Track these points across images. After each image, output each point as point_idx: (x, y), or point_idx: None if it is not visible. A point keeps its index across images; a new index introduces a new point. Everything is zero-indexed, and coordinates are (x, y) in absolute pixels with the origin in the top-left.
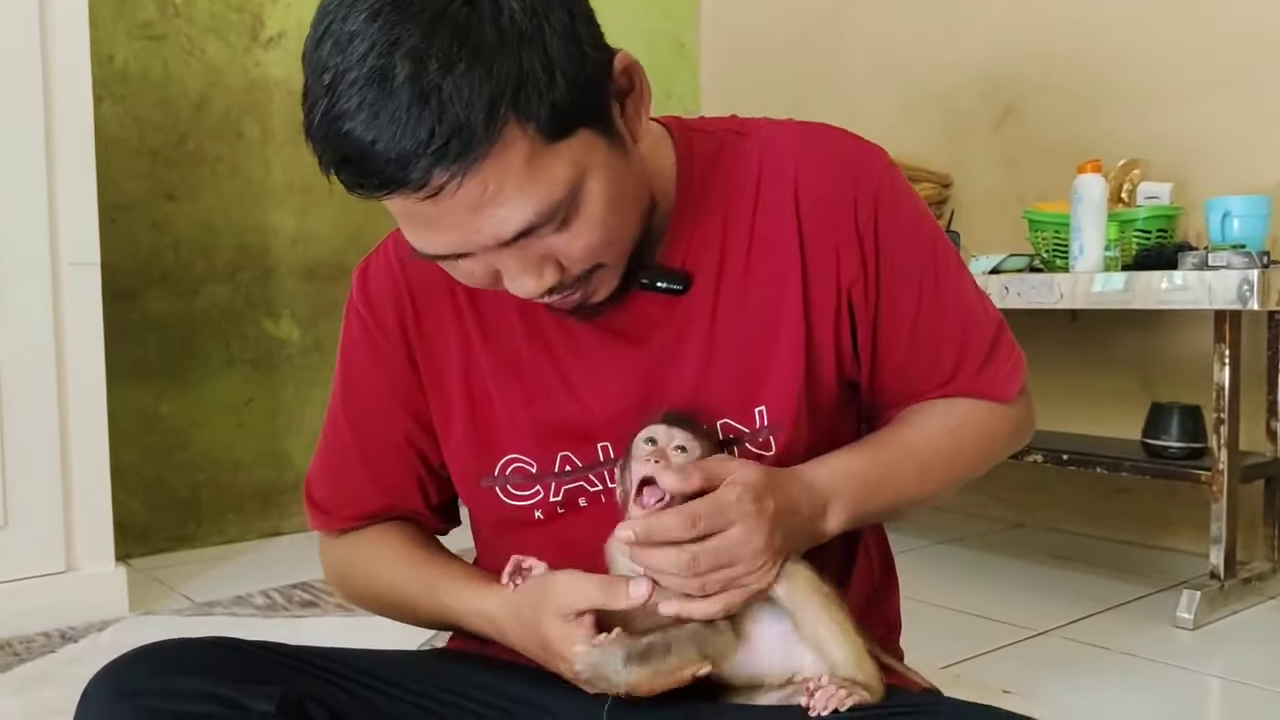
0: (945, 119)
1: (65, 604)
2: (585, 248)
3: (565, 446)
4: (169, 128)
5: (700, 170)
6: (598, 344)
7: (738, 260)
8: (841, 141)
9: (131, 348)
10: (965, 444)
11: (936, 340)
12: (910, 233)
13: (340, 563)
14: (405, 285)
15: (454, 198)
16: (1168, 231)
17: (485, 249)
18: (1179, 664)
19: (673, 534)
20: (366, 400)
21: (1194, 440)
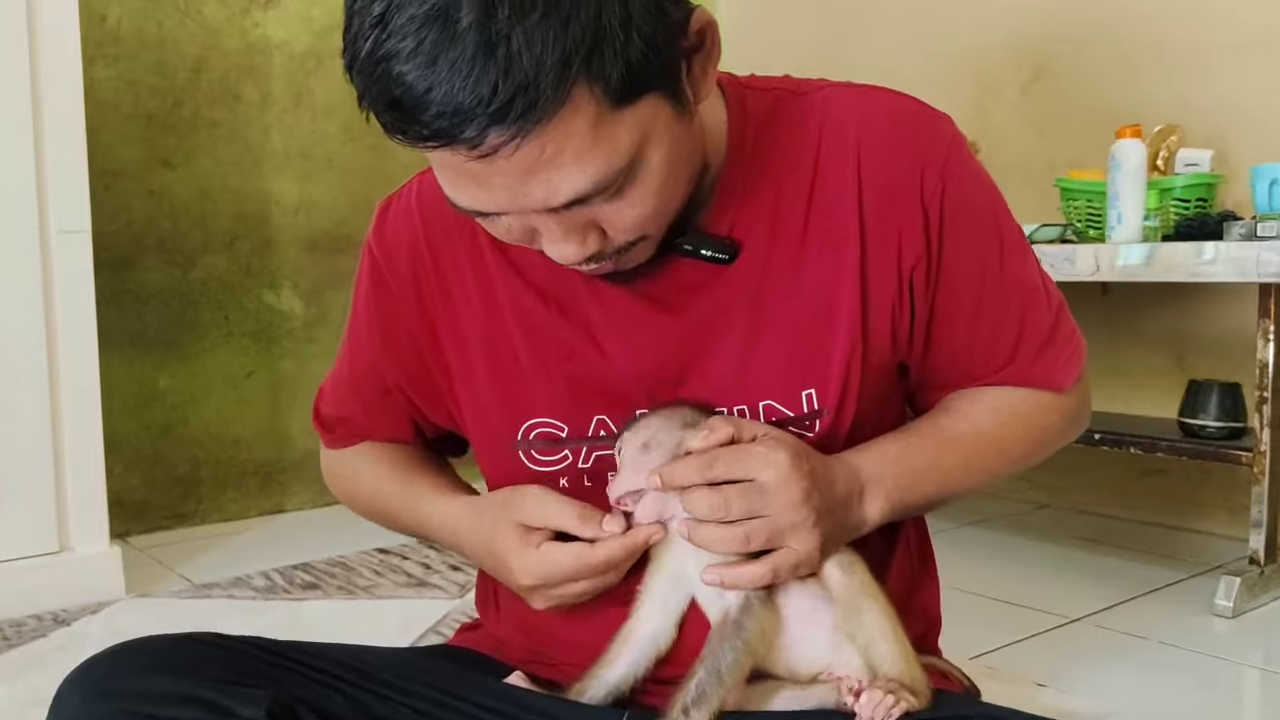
0: (972, 81)
1: (58, 585)
2: (635, 218)
3: (601, 409)
4: (164, 91)
5: (753, 131)
6: (630, 308)
7: (792, 232)
8: (908, 109)
9: (127, 319)
10: (1013, 437)
11: (996, 324)
12: (977, 208)
13: (334, 464)
14: (424, 236)
15: (509, 159)
16: (1207, 200)
17: (533, 212)
18: (1219, 654)
19: (690, 476)
20: (368, 346)
21: (1234, 419)
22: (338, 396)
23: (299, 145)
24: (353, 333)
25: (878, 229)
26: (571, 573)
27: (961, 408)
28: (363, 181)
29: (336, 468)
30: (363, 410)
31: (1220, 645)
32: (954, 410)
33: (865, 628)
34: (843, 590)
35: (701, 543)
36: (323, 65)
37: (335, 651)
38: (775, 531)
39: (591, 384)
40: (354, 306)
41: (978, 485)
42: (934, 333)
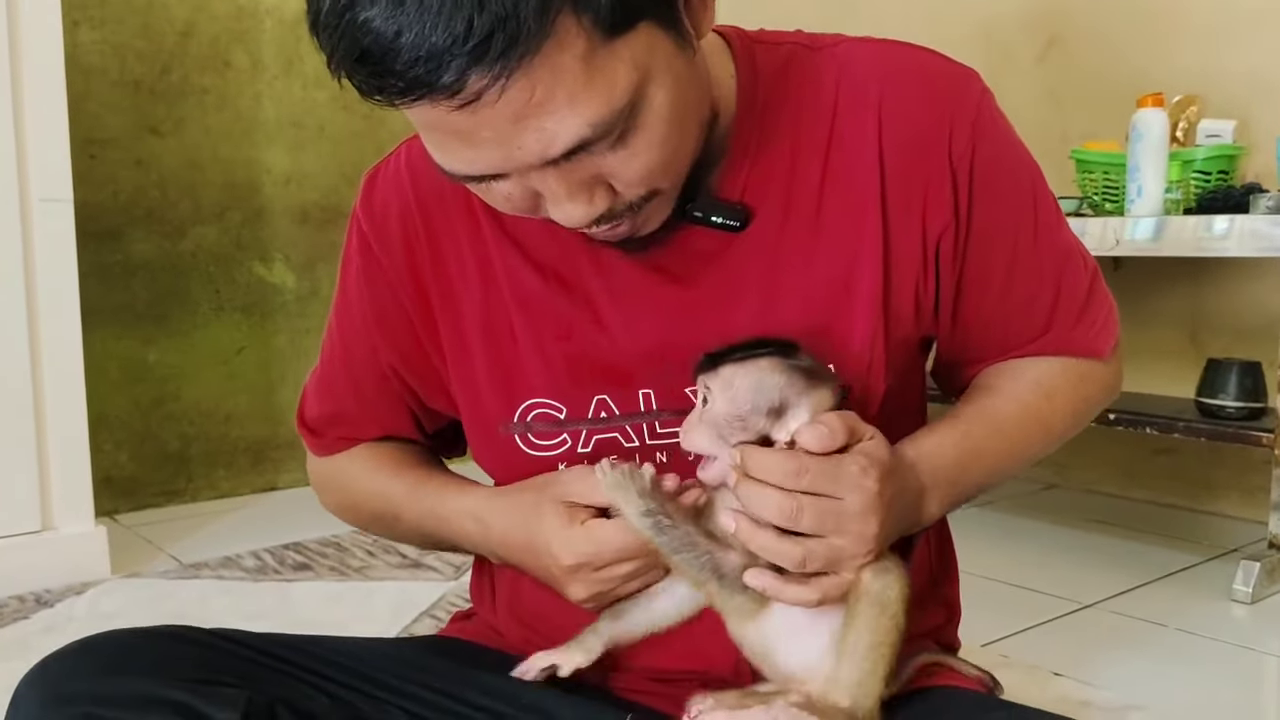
0: (984, 48)
1: (41, 566)
2: (644, 168)
3: (602, 390)
4: (152, 57)
5: (765, 88)
6: (636, 280)
7: (808, 196)
8: (933, 63)
9: (115, 292)
10: (1058, 413)
11: (1031, 291)
12: (1010, 169)
13: (324, 473)
14: (415, 201)
15: (494, 106)
16: (1228, 173)
17: (528, 168)
18: (1239, 642)
19: (773, 474)
20: (359, 323)
21: (1253, 400)
22: (326, 392)
23: (290, 113)
24: (342, 318)
25: (900, 194)
26: (619, 548)
27: (1005, 387)
28: (354, 151)
29: (329, 478)
30: (356, 402)
31: (1240, 632)
32: (999, 390)
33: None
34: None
35: (754, 547)
36: None
37: (321, 646)
38: (836, 559)
39: (591, 362)
40: (342, 288)
41: (1025, 466)
42: (963, 303)
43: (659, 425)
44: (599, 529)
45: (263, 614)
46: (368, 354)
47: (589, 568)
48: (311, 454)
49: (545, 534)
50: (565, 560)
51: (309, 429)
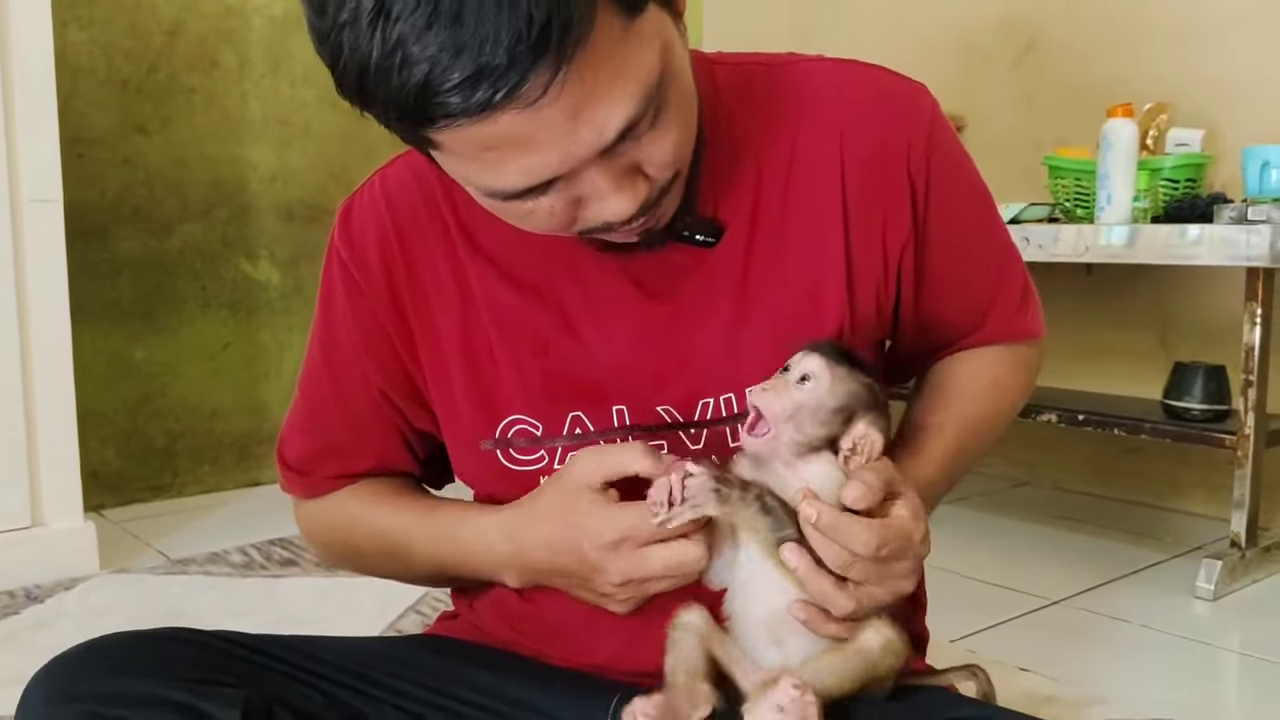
0: (961, 53)
1: (31, 561)
2: (673, 146)
3: (577, 406)
4: (139, 56)
5: (728, 106)
6: (613, 294)
7: (773, 213)
8: (887, 80)
9: (102, 289)
10: (1011, 405)
11: (980, 286)
12: (959, 174)
13: (319, 518)
14: (392, 226)
15: (555, 104)
16: (1196, 181)
17: (582, 164)
18: (1200, 638)
19: (853, 545)
20: (345, 349)
21: (1218, 402)
22: (312, 429)
23: (276, 112)
24: (328, 349)
25: (861, 208)
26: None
27: (969, 387)
28: (340, 150)
29: (325, 522)
30: (349, 431)
31: (1201, 629)
32: (966, 392)
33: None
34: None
35: (808, 586)
36: (302, 29)
37: (315, 645)
38: (873, 604)
39: (567, 379)
40: (324, 321)
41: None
42: (922, 303)
43: (631, 440)
44: (637, 505)
45: (251, 610)
46: (359, 379)
47: (632, 542)
48: (299, 500)
49: (583, 517)
50: (609, 535)
51: (295, 470)
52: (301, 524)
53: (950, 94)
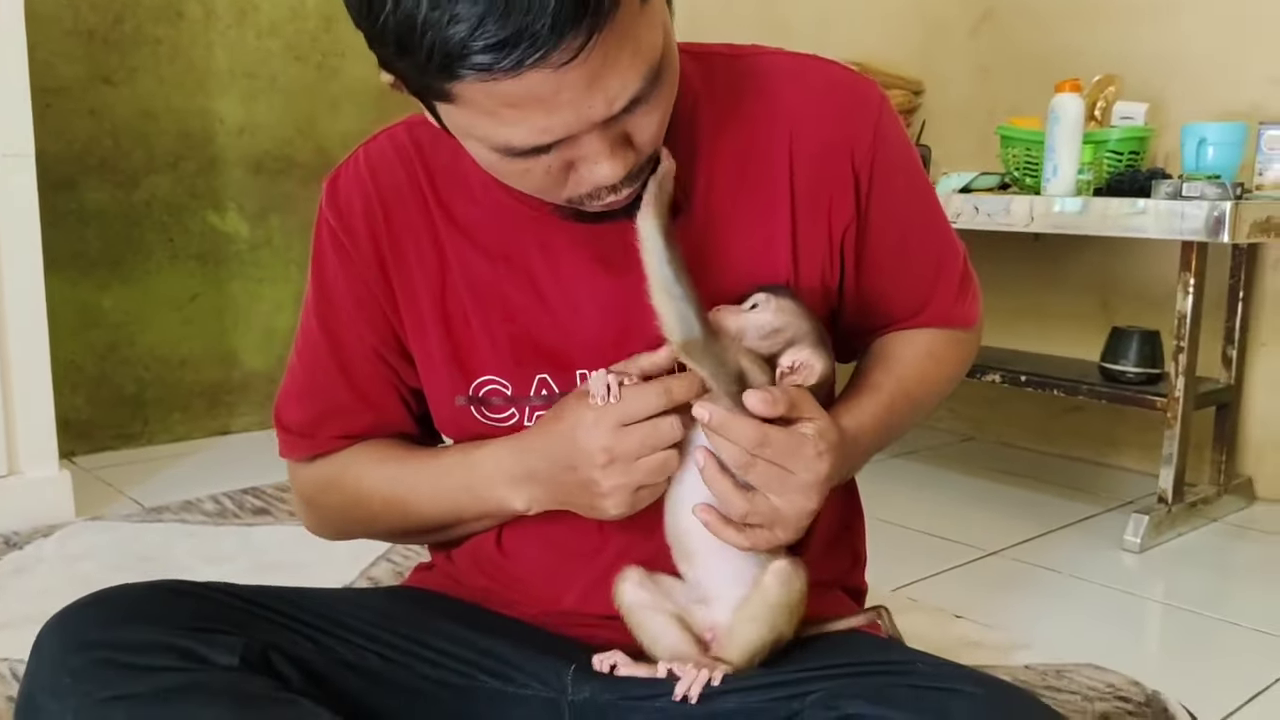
0: (921, 20)
1: (8, 508)
2: (658, 123)
3: (543, 369)
4: (105, 6)
5: (690, 95)
6: (578, 268)
7: (726, 194)
8: (839, 78)
9: (70, 240)
10: (945, 377)
11: (918, 271)
12: (903, 168)
13: (317, 482)
14: (377, 197)
15: (583, 65)
16: (1139, 154)
17: (591, 126)
18: (1124, 588)
19: (739, 440)
20: (340, 312)
21: (1151, 366)
22: (312, 393)
23: (243, 64)
24: (324, 314)
25: (808, 195)
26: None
27: (906, 355)
28: (306, 102)
29: (325, 480)
30: (350, 391)
31: (1126, 579)
32: (902, 359)
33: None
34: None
35: (709, 486)
36: None
37: (304, 597)
38: (774, 521)
39: (533, 344)
40: (318, 287)
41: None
42: (862, 282)
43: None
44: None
45: (226, 557)
46: (355, 341)
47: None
48: (299, 463)
49: (579, 413)
50: (607, 422)
51: (297, 434)
52: (302, 488)
53: (910, 60)
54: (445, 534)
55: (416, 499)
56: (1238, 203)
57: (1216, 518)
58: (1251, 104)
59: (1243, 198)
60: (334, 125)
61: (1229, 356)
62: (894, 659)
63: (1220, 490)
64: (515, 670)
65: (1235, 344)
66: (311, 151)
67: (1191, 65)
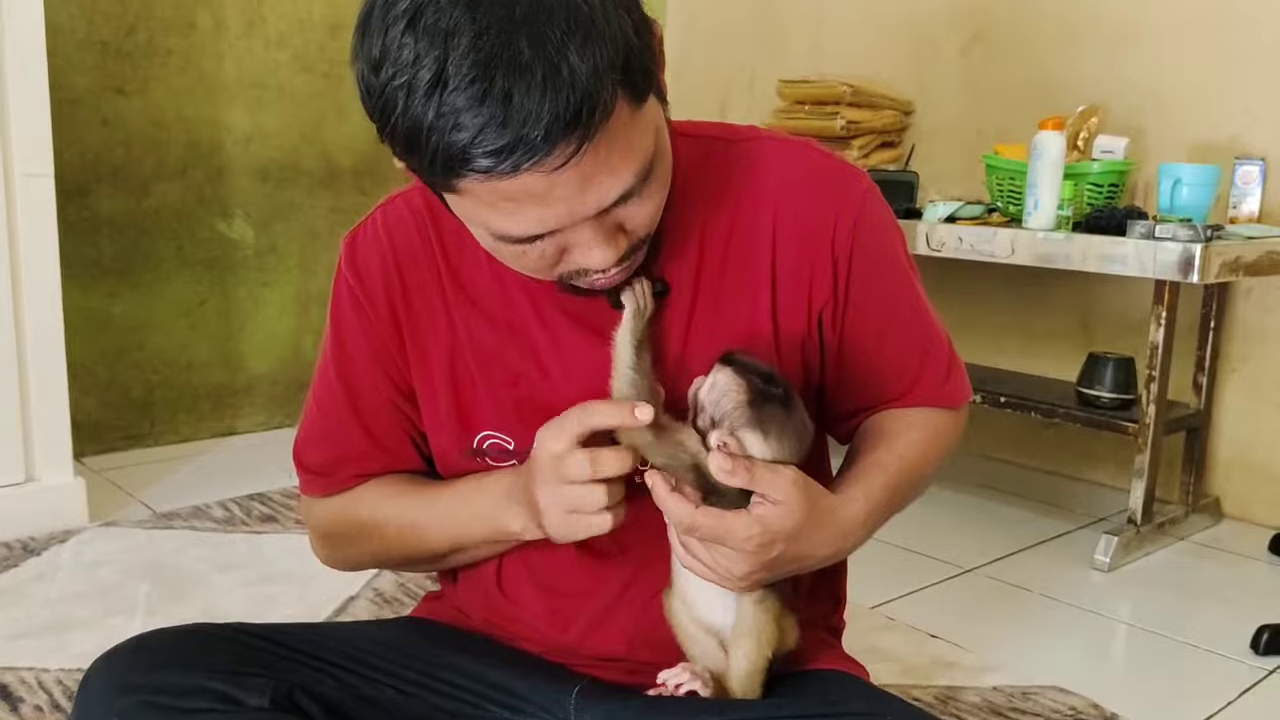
0: (912, 41)
1: (26, 514)
2: (651, 213)
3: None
4: (118, 17)
5: (682, 178)
6: (575, 339)
7: (713, 274)
8: (826, 167)
9: (82, 247)
10: (943, 450)
11: (902, 354)
12: (885, 256)
13: (331, 515)
14: (394, 260)
15: (575, 168)
16: (1119, 187)
17: (584, 220)
18: (1092, 608)
19: (671, 516)
20: (358, 364)
21: (1125, 391)
22: (330, 438)
23: (251, 74)
24: (341, 365)
25: (789, 276)
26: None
27: (905, 432)
28: (313, 111)
29: (340, 513)
30: (365, 437)
31: (1095, 599)
32: (901, 436)
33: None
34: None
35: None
36: None
37: (321, 635)
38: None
39: (534, 405)
40: (336, 341)
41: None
42: (844, 364)
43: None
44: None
45: (236, 564)
46: (371, 391)
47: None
48: (317, 498)
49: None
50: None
51: (316, 474)
52: (317, 523)
53: (902, 81)
54: (455, 560)
55: (428, 523)
56: (1208, 245)
57: (1184, 537)
58: (1230, 136)
59: (1213, 239)
60: (340, 132)
61: (1199, 383)
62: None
63: (1188, 511)
64: (522, 701)
65: (1206, 372)
66: (317, 159)
67: (1173, 95)
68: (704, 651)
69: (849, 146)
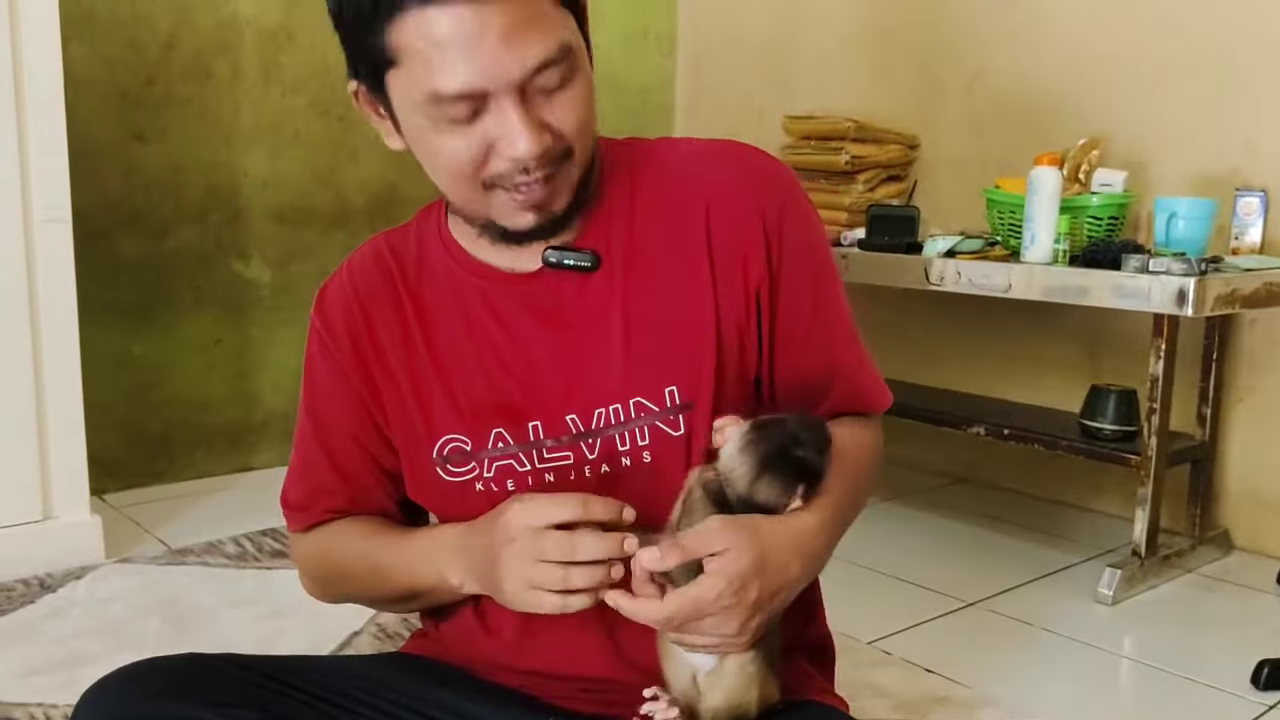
0: (918, 76)
1: (43, 552)
2: (576, 117)
3: (498, 424)
4: (138, 68)
5: (612, 166)
6: (527, 326)
7: (650, 253)
8: (750, 156)
9: (103, 289)
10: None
11: (821, 346)
12: (809, 242)
13: (311, 553)
14: (356, 300)
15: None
16: (1119, 219)
17: (507, 86)
18: (1095, 643)
19: (646, 620)
20: (324, 404)
21: (1127, 424)
22: (305, 475)
23: (268, 120)
24: (312, 408)
25: (725, 254)
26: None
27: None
28: (327, 154)
29: (316, 552)
30: (334, 473)
31: (1098, 633)
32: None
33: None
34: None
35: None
36: (292, 40)
37: (308, 668)
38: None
39: (490, 402)
40: (309, 385)
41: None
42: (776, 348)
43: (545, 451)
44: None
45: (246, 600)
46: (337, 427)
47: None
48: (297, 534)
49: (506, 512)
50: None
51: (295, 509)
52: (300, 561)
53: (907, 116)
54: (417, 604)
55: (388, 568)
56: (1202, 278)
57: (1191, 569)
58: (1232, 168)
59: (1208, 272)
60: (352, 174)
61: (1203, 415)
62: None
63: (1195, 543)
64: None
65: (1209, 402)
66: (331, 200)
67: (1175, 128)
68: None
69: (854, 181)
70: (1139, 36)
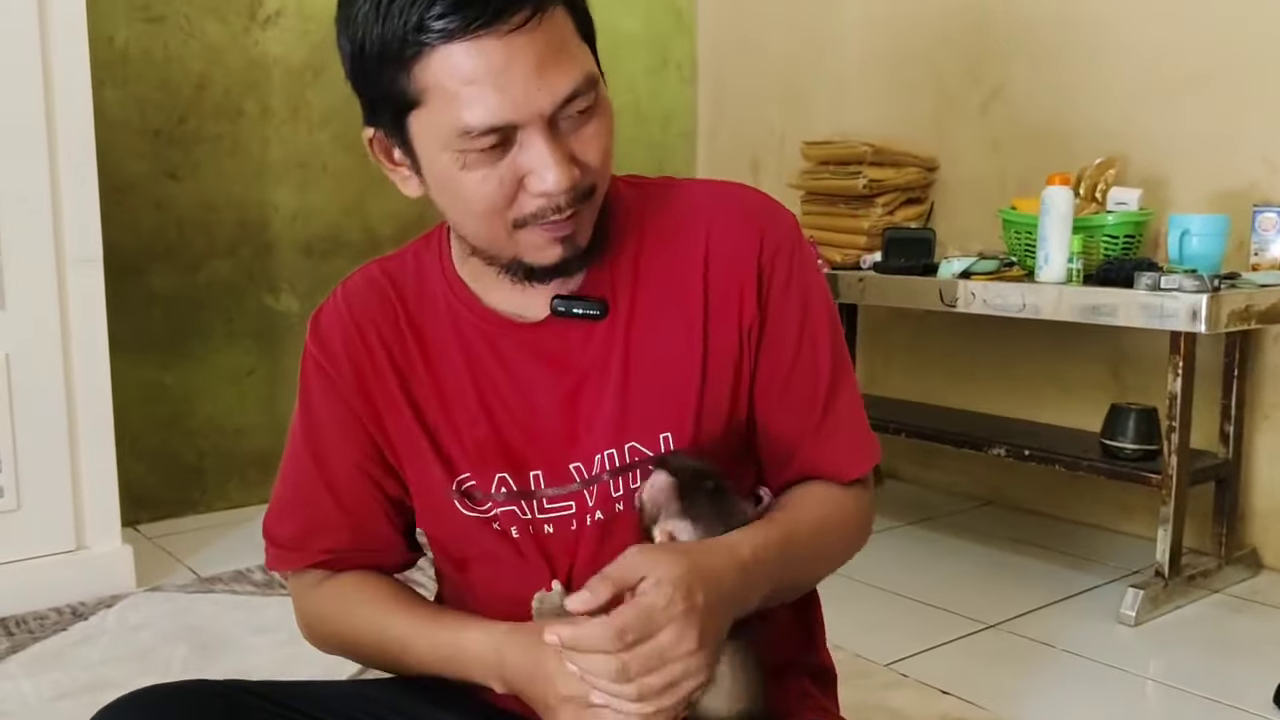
0: (935, 95)
1: (75, 580)
2: (601, 148)
3: (501, 468)
4: (170, 108)
5: (623, 215)
6: (531, 371)
7: (650, 296)
8: (755, 198)
9: (136, 322)
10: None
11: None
12: (806, 291)
13: (313, 610)
14: (354, 324)
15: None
16: (1136, 238)
17: (537, 119)
18: (1118, 664)
19: (600, 647)
20: (325, 435)
21: (1148, 443)
22: (298, 509)
23: (297, 155)
24: (310, 437)
25: (720, 295)
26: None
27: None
28: (355, 187)
29: (323, 614)
30: (335, 506)
31: (1121, 655)
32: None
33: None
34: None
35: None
36: (319, 77)
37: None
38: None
39: (495, 445)
40: (304, 414)
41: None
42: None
43: (546, 501)
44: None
45: (270, 627)
46: (338, 458)
47: (578, 703)
48: (295, 584)
49: (549, 669)
50: (563, 690)
51: (286, 548)
52: (302, 615)
53: (925, 137)
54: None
55: (404, 656)
56: (1215, 295)
57: (1218, 589)
58: (1250, 183)
59: (1221, 288)
60: (379, 205)
61: (1225, 433)
62: None
63: (1222, 563)
64: None
65: (1232, 420)
66: (359, 231)
67: (1193, 144)
68: None
69: (873, 204)
70: (1155, 54)
